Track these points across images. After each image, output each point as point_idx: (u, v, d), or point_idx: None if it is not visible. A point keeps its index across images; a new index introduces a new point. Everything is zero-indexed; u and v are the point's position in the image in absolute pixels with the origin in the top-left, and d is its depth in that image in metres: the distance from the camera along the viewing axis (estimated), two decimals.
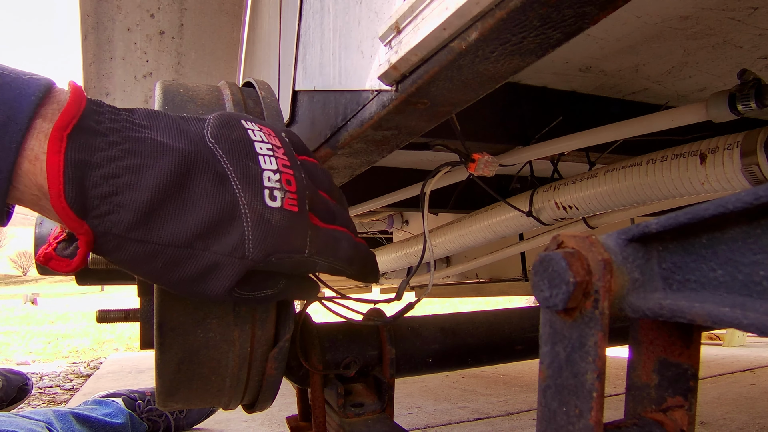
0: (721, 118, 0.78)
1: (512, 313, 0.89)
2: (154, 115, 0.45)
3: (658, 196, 0.93)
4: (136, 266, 0.43)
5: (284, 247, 0.45)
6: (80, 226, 0.39)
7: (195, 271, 0.43)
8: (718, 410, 1.66)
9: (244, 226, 0.43)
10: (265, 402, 0.65)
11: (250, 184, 0.45)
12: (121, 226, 0.40)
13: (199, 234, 0.42)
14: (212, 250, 0.43)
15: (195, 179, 0.43)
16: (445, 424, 1.63)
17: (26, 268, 53.08)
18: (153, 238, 0.41)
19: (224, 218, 0.43)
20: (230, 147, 0.46)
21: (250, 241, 0.44)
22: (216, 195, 0.43)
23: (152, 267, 0.42)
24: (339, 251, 0.50)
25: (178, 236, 0.42)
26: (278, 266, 0.46)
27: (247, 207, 0.44)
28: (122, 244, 0.41)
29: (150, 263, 0.42)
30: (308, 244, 0.47)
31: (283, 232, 0.45)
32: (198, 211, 0.42)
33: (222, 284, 0.44)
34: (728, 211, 0.27)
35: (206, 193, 0.43)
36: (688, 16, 0.79)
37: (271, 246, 0.44)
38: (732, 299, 0.27)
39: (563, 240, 0.33)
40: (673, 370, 0.35)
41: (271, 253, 0.44)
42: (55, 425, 1.30)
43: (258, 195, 0.45)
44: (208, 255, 0.43)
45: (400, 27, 0.51)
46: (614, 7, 0.39)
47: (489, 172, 0.90)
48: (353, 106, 0.64)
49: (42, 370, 3.43)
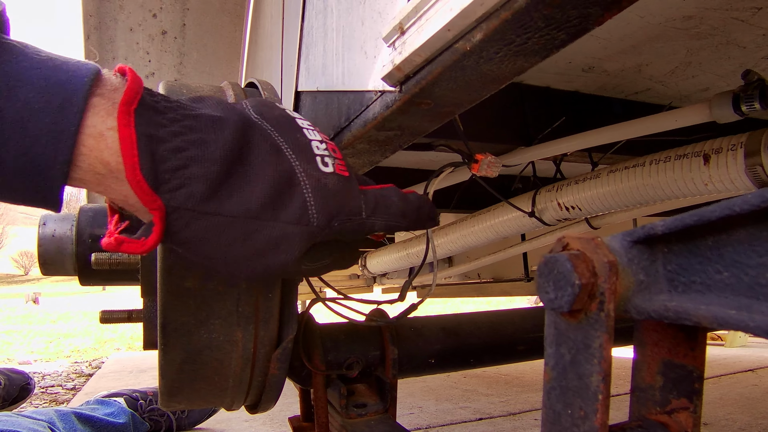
0: (725, 118, 0.78)
1: (514, 314, 0.89)
2: (198, 98, 0.46)
3: (661, 197, 0.92)
4: (204, 243, 0.42)
5: (344, 210, 0.46)
6: (153, 200, 0.39)
7: (264, 243, 0.43)
8: (721, 411, 1.66)
9: (305, 192, 0.44)
10: (269, 402, 0.65)
11: (303, 152, 0.46)
12: (193, 200, 0.40)
13: (265, 204, 0.42)
14: (280, 219, 0.43)
15: (253, 150, 0.43)
16: (447, 424, 1.63)
17: (28, 268, 53.18)
18: (224, 211, 0.41)
19: (286, 186, 0.43)
20: (276, 122, 0.47)
21: (312, 207, 0.44)
22: (275, 164, 0.43)
23: (222, 242, 0.42)
24: (391, 207, 0.50)
25: (247, 207, 0.42)
26: (339, 232, 0.46)
27: (304, 174, 0.44)
28: (193, 219, 0.40)
29: (220, 237, 0.41)
30: (363, 206, 0.47)
31: (340, 196, 0.46)
32: (262, 180, 0.42)
33: (291, 255, 0.44)
34: (734, 213, 0.27)
35: (266, 162, 0.43)
36: (692, 16, 0.79)
37: (332, 210, 0.45)
38: (738, 301, 0.27)
39: (568, 242, 0.33)
40: (678, 371, 0.35)
41: (334, 217, 0.45)
42: (57, 425, 1.30)
43: (311, 162, 0.45)
44: (276, 225, 0.43)
45: (404, 28, 0.51)
46: (619, 8, 0.39)
47: (492, 172, 0.90)
48: (356, 107, 0.64)
49: (44, 369, 3.43)
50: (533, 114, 1.04)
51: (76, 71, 0.38)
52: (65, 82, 0.37)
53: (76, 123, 0.37)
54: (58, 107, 0.36)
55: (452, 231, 1.45)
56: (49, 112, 0.36)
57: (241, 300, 0.56)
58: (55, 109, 0.36)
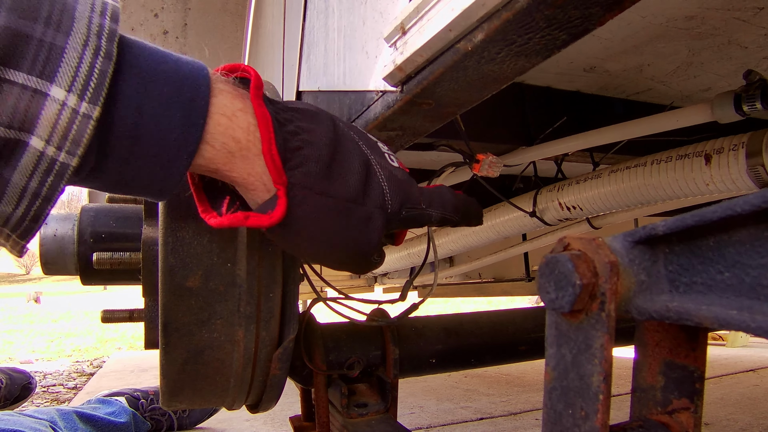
0: (727, 118, 0.78)
1: (516, 314, 0.89)
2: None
3: (662, 197, 0.92)
4: (310, 222, 0.45)
5: (410, 199, 0.51)
6: (281, 175, 0.42)
7: (357, 225, 0.47)
8: (722, 411, 1.66)
9: (381, 181, 0.49)
10: (270, 402, 0.65)
11: (373, 148, 0.51)
12: (309, 178, 0.44)
13: (359, 188, 0.47)
14: (368, 204, 0.48)
15: (342, 141, 0.48)
16: (448, 423, 1.63)
17: (29, 267, 53.26)
18: (331, 191, 0.45)
19: (368, 174, 0.48)
20: (345, 122, 0.51)
21: (388, 194, 0.49)
22: (360, 155, 0.48)
23: (325, 221, 0.45)
24: (446, 202, 0.55)
25: (347, 190, 0.46)
26: (405, 219, 0.51)
27: (378, 166, 0.50)
28: (307, 196, 0.44)
29: (325, 216, 0.45)
30: (422, 199, 0.53)
31: (407, 186, 0.51)
32: (353, 167, 0.47)
33: (377, 236, 0.48)
34: (736, 213, 0.27)
35: (354, 153, 0.48)
36: (694, 16, 0.79)
37: (402, 197, 0.50)
38: (740, 302, 0.27)
39: (569, 242, 0.33)
40: (679, 372, 0.35)
41: (403, 204, 0.50)
42: (58, 424, 1.30)
43: (382, 156, 0.51)
44: (365, 209, 0.47)
45: (405, 28, 0.51)
46: (621, 8, 0.39)
47: (493, 172, 0.90)
48: (358, 107, 0.64)
49: (45, 368, 3.44)
50: (534, 114, 1.04)
51: (193, 63, 0.41)
52: (190, 73, 0.40)
53: (206, 107, 0.40)
54: (190, 97, 0.39)
55: (453, 231, 1.45)
56: (181, 102, 0.39)
57: (242, 300, 0.57)
58: (187, 100, 0.39)
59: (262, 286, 0.58)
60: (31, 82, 0.34)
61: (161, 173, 0.40)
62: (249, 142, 0.42)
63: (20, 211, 0.37)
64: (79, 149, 0.36)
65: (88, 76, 0.35)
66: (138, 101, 0.38)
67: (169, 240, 0.54)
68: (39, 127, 0.34)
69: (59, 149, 0.35)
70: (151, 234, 0.64)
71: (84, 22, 0.35)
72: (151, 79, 0.38)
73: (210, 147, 0.40)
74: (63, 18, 0.35)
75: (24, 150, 0.35)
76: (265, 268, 0.58)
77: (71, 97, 0.35)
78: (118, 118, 0.37)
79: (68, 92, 0.34)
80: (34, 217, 0.38)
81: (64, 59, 0.34)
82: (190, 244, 0.55)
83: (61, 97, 0.34)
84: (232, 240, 0.56)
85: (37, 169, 0.36)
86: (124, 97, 0.37)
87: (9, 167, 0.35)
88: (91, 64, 0.35)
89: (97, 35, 0.35)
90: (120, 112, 0.37)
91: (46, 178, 0.36)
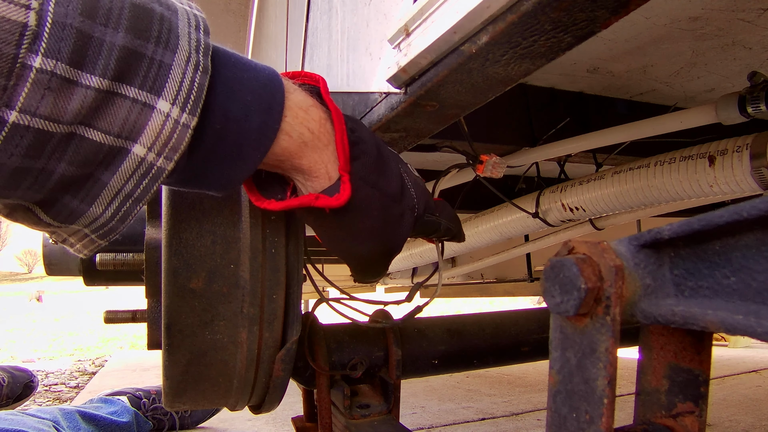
0: (731, 120, 0.78)
1: (518, 315, 0.89)
2: None
3: (666, 198, 0.92)
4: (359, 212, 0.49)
5: (429, 205, 0.56)
6: (347, 163, 0.47)
7: (395, 221, 0.52)
8: (724, 412, 1.66)
9: (408, 185, 0.54)
10: (272, 403, 0.65)
11: (399, 159, 0.56)
12: (364, 170, 0.48)
13: (397, 188, 0.52)
14: (403, 203, 0.52)
15: (381, 145, 0.52)
16: (450, 424, 1.63)
17: (32, 266, 53.31)
18: (379, 185, 0.50)
19: (401, 178, 0.53)
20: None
21: (415, 198, 0.54)
22: (395, 158, 0.54)
23: (371, 213, 0.49)
24: (449, 213, 0.60)
25: (390, 187, 0.51)
26: (423, 224, 0.56)
27: (405, 173, 0.54)
28: (361, 186, 0.48)
29: (371, 208, 0.49)
30: (436, 208, 0.58)
31: (427, 194, 0.56)
32: (392, 169, 0.52)
33: (405, 234, 0.53)
34: (743, 218, 0.26)
35: (390, 155, 0.53)
36: (698, 17, 0.79)
37: (426, 203, 0.55)
38: (746, 307, 0.27)
39: (574, 246, 0.32)
40: (684, 375, 0.35)
41: (426, 208, 0.55)
42: (61, 424, 1.30)
43: (406, 166, 0.56)
44: (401, 207, 0.52)
45: (409, 30, 0.51)
46: (627, 11, 0.39)
47: (497, 173, 0.90)
48: (361, 108, 0.64)
49: (47, 367, 3.45)
50: (538, 115, 1.04)
51: (268, 68, 0.45)
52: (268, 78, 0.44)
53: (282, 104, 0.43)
54: (269, 98, 0.43)
55: None
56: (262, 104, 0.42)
57: (245, 301, 0.57)
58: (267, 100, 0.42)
59: (265, 288, 0.58)
60: (141, 96, 0.36)
61: (237, 167, 0.43)
62: (321, 134, 0.46)
63: (110, 211, 0.40)
64: (176, 155, 0.39)
65: (190, 90, 0.38)
66: (225, 107, 0.41)
67: (172, 241, 0.54)
68: (143, 136, 0.37)
69: (159, 155, 0.38)
70: (154, 235, 0.64)
71: (186, 39, 0.38)
72: (237, 87, 0.42)
73: (287, 137, 0.44)
74: (171, 36, 0.37)
75: (126, 156, 0.37)
76: (268, 269, 0.58)
77: (174, 109, 0.38)
78: (209, 124, 0.40)
79: (172, 105, 0.37)
80: (122, 218, 0.40)
81: (171, 75, 0.37)
82: (193, 245, 0.55)
83: (166, 109, 0.37)
84: (235, 241, 0.56)
85: (135, 173, 0.38)
86: (215, 105, 0.40)
87: (108, 172, 0.38)
88: (192, 79, 0.38)
89: (196, 50, 0.38)
90: (210, 119, 0.40)
91: (142, 180, 0.39)
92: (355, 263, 0.55)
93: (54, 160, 0.35)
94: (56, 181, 0.37)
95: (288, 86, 0.45)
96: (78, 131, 0.35)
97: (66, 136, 0.35)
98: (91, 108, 0.35)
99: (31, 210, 0.39)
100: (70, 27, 0.33)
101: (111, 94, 0.35)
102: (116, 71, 0.35)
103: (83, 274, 0.83)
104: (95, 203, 0.38)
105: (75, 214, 0.39)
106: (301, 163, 0.46)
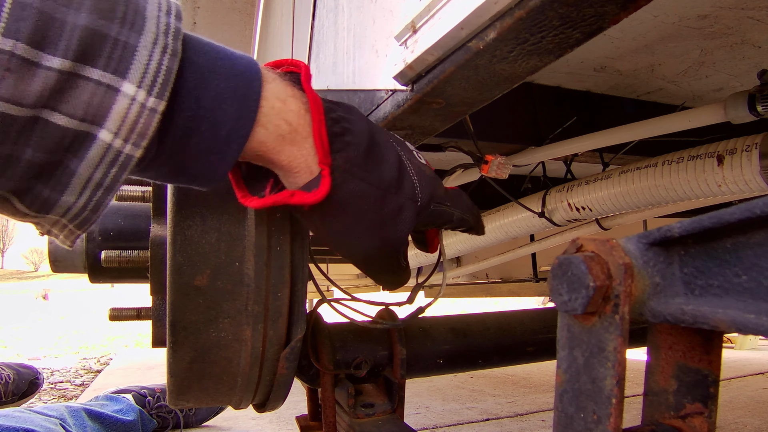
0: (740, 119, 0.77)
1: (523, 315, 0.88)
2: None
3: (673, 198, 0.92)
4: (346, 208, 0.47)
5: (437, 194, 0.53)
6: (326, 156, 0.44)
7: (391, 214, 0.49)
8: (730, 414, 1.65)
9: (411, 175, 0.51)
10: (276, 401, 0.65)
11: (402, 146, 0.53)
12: (349, 163, 0.46)
13: (393, 179, 0.49)
14: (400, 195, 0.49)
15: (377, 134, 0.50)
16: (454, 424, 1.63)
17: (38, 264, 53.60)
18: (368, 179, 0.47)
19: (400, 167, 0.50)
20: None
21: (417, 187, 0.51)
22: (393, 149, 0.50)
23: (360, 207, 0.47)
24: (465, 203, 0.58)
25: (382, 179, 0.48)
26: (432, 214, 0.53)
27: (409, 161, 0.51)
28: (346, 180, 0.46)
29: (360, 203, 0.47)
30: (446, 197, 0.55)
31: (434, 183, 0.53)
32: (387, 158, 0.49)
33: (408, 226, 0.50)
34: (755, 215, 0.26)
35: (386, 144, 0.50)
36: (707, 15, 0.78)
37: (431, 192, 0.52)
38: (757, 306, 0.26)
39: (582, 243, 0.32)
40: (693, 375, 0.34)
41: (432, 198, 0.52)
42: (68, 421, 1.31)
43: (410, 153, 0.53)
44: (398, 199, 0.49)
45: (416, 26, 0.50)
46: (636, 6, 0.39)
47: (502, 174, 0.89)
48: (367, 106, 0.64)
49: (53, 365, 3.46)
50: (544, 114, 1.04)
51: (245, 56, 0.43)
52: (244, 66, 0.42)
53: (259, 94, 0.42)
54: (244, 87, 0.41)
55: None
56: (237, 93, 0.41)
57: (250, 299, 0.56)
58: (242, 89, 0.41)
59: (270, 285, 0.57)
60: (105, 78, 0.35)
61: (215, 159, 0.42)
62: (299, 126, 0.44)
63: (82, 201, 0.38)
64: (144, 141, 0.38)
65: (157, 73, 0.37)
66: (197, 94, 0.40)
67: (177, 238, 0.54)
68: (109, 121, 0.36)
69: (126, 141, 0.37)
70: (159, 232, 0.64)
71: (154, 21, 0.37)
72: (209, 74, 0.40)
73: (263, 129, 0.42)
74: (136, 18, 0.36)
75: (92, 142, 0.36)
76: (273, 267, 0.58)
77: (140, 93, 0.36)
78: (179, 110, 0.39)
79: (138, 88, 0.36)
80: (94, 207, 0.39)
81: (136, 57, 0.36)
82: (198, 242, 0.55)
83: (131, 92, 0.36)
84: (240, 239, 0.56)
85: (103, 160, 0.37)
86: (185, 91, 0.39)
87: (77, 159, 0.37)
88: (160, 62, 0.37)
89: (164, 34, 0.37)
90: (180, 105, 0.39)
91: (110, 169, 0.38)
92: (357, 262, 0.53)
93: (20, 145, 0.35)
94: (25, 167, 0.36)
95: (267, 76, 0.43)
96: (42, 115, 0.35)
97: (30, 119, 0.34)
98: (54, 90, 0.34)
99: (8, 199, 0.38)
100: (30, 7, 0.32)
101: (74, 76, 0.34)
102: (79, 52, 0.34)
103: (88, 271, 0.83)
104: (66, 192, 0.38)
105: (48, 204, 0.38)
106: (279, 159, 0.44)
